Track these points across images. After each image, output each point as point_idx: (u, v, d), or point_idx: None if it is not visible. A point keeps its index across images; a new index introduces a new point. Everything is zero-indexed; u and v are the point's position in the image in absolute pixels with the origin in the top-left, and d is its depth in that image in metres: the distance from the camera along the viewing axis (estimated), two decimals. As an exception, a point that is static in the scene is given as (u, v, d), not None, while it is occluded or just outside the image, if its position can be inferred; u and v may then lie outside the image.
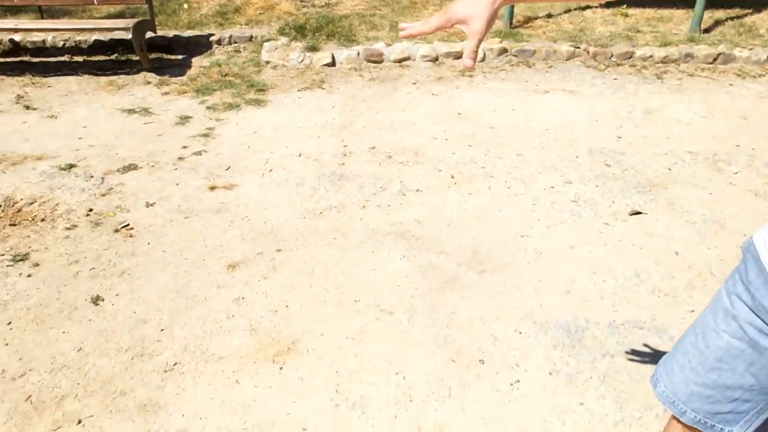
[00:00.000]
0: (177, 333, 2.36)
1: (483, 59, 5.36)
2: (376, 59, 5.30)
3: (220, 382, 2.15)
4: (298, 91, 4.76)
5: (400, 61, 5.30)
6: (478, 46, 1.00)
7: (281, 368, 2.20)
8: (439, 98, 4.67)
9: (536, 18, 6.30)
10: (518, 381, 2.14)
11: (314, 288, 2.61)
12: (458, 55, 5.37)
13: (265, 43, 5.59)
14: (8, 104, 4.53)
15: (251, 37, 5.80)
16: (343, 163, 3.62)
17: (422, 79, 5.01)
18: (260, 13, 6.30)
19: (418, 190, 3.36)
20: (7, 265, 2.73)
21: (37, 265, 2.74)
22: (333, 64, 5.26)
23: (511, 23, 5.99)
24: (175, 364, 2.22)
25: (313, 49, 5.41)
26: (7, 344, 2.31)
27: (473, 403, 2.06)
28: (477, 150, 3.82)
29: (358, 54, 5.31)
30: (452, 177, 3.50)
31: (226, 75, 5.09)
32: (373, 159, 3.69)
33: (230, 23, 6.13)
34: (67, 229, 3.00)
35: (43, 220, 3.07)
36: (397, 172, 3.54)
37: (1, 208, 3.16)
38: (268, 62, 5.33)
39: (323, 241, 2.91)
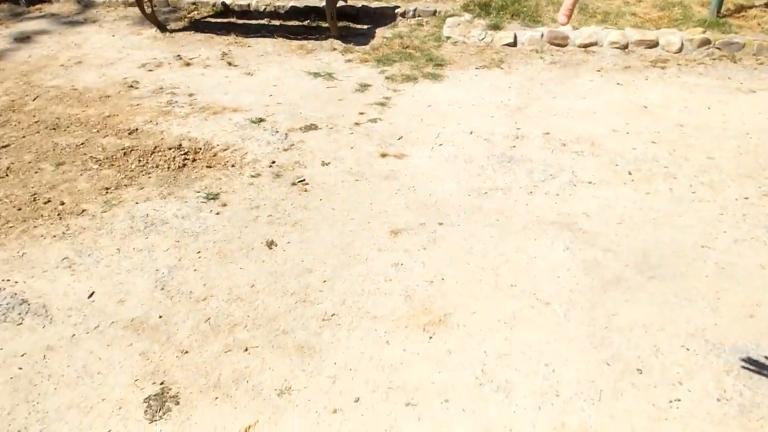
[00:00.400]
0: (338, 286, 2.51)
1: (680, 50, 4.90)
2: (560, 42, 5.07)
3: (371, 339, 2.25)
4: (476, 69, 4.73)
5: (585, 46, 5.02)
6: (573, 5, 1.04)
7: (431, 338, 2.25)
8: (624, 88, 4.36)
9: (752, 6, 5.59)
10: (679, 400, 1.99)
11: (471, 266, 2.61)
12: (651, 44, 4.96)
13: (448, 19, 5.59)
14: (215, 60, 5.05)
15: (435, 11, 5.84)
16: (514, 146, 3.55)
17: (607, 66, 4.71)
18: (446, -12, 6.30)
19: (590, 183, 3.19)
20: (201, 201, 3.08)
21: (225, 205, 3.06)
22: (514, 44, 5.13)
23: (718, 12, 5.38)
24: (333, 314, 2.37)
25: (496, 27, 5.31)
26: (195, 270, 2.62)
27: (624, 411, 1.95)
28: (661, 148, 3.53)
29: (542, 36, 5.12)
30: (629, 173, 3.27)
31: (407, 47, 5.19)
32: (546, 145, 3.56)
33: (416, -4, 6.21)
34: (252, 176, 3.29)
35: (233, 165, 3.40)
36: (569, 161, 3.39)
37: (201, 151, 3.55)
38: (448, 38, 5.34)
39: (485, 221, 2.89)
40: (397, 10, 5.90)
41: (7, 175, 3.37)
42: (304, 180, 3.24)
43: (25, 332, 2.34)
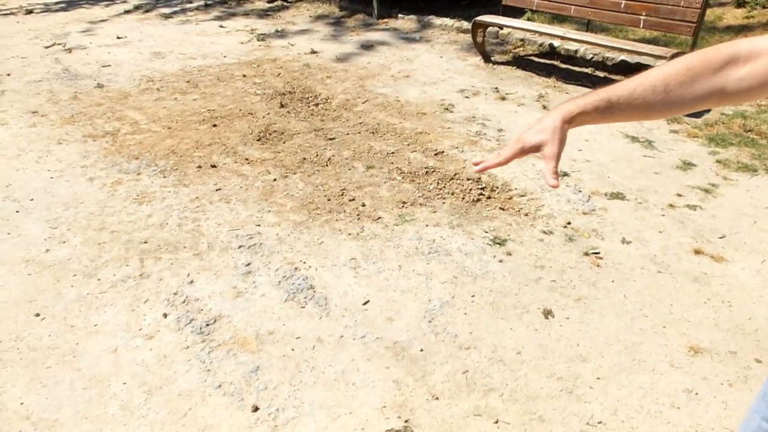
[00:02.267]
0: (611, 390, 2.19)
1: None
2: None
3: (641, 471, 1.89)
4: (841, 176, 3.83)
5: None
6: (557, 167, 1.01)
7: (718, 503, 1.80)
8: None
9: None
10: None
11: (792, 431, 2.05)
12: None
13: (813, 108, 4.67)
14: (530, 100, 4.99)
15: (797, 96, 4.93)
16: None
17: None
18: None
19: None
20: (487, 243, 3.01)
21: (509, 254, 2.93)
22: None
23: None
24: (600, 422, 2.06)
25: None
26: (465, 314, 2.55)
27: None
28: None
29: None
30: None
31: (750, 131, 4.46)
32: None
33: None
34: (544, 232, 3.11)
35: (526, 214, 3.27)
36: None
37: (498, 190, 3.49)
38: (808, 130, 4.45)
39: (822, 378, 2.26)
40: (746, 87, 5.13)
41: (327, 166, 3.76)
42: (598, 253, 2.95)
43: (305, 317, 2.53)
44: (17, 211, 3.32)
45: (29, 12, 8.86)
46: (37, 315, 2.57)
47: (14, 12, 8.88)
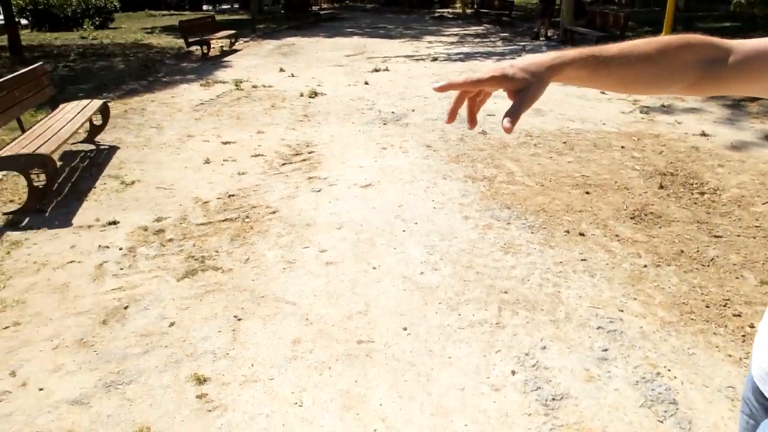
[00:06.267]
0: None
1: None
2: None
3: None
4: None
5: None
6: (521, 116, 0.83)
7: None
8: None
9: None
10: None
11: None
12: None
13: None
14: None
15: None
16: None
17: None
18: None
19: None
20: None
21: None
22: None
23: None
24: None
25: None
26: None
27: None
28: None
29: None
30: None
31: None
32: None
33: None
34: None
35: None
36: None
37: None
38: None
39: None
40: None
41: (708, 266, 3.34)
42: None
43: (661, 432, 2.25)
44: (403, 231, 3.80)
45: (435, 59, 10.27)
46: (405, 329, 2.87)
47: (423, 58, 10.40)
